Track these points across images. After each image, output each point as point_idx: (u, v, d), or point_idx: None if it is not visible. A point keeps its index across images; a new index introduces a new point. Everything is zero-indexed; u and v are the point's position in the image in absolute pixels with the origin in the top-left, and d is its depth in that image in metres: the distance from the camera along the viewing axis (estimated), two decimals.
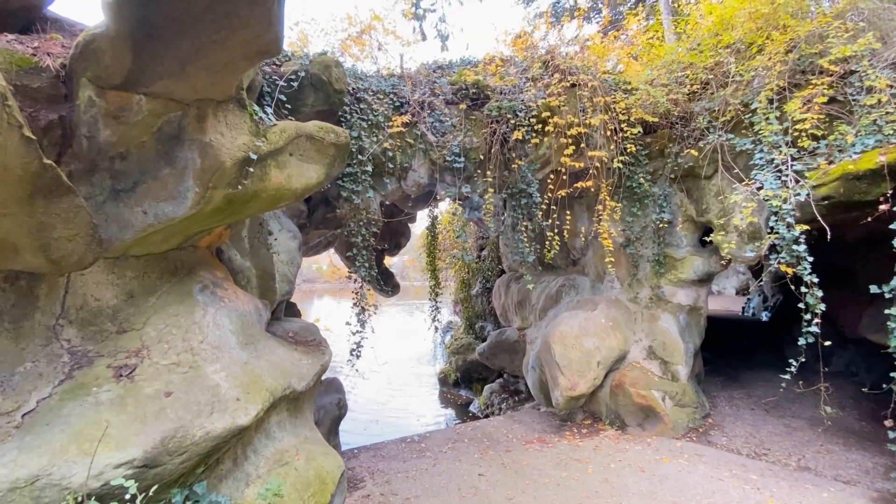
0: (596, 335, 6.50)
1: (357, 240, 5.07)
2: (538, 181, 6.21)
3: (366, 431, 9.32)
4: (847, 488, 4.32)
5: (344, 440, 8.89)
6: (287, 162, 3.47)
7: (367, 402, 11.14)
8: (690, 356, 6.54)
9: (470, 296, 11.92)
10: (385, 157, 5.33)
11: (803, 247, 4.31)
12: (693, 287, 6.56)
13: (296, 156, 3.61)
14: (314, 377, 4.04)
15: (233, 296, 3.43)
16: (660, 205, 6.43)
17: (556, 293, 8.24)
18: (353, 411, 10.52)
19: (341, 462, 3.77)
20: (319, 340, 5.09)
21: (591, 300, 7.23)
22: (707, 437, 5.85)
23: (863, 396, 6.97)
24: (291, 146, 3.53)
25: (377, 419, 9.87)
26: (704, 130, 5.88)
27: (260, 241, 4.81)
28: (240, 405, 2.71)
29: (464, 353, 11.07)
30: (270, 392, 3.07)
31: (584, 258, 7.94)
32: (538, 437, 6.31)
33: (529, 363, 7.76)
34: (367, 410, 10.51)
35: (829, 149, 4.49)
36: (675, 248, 6.56)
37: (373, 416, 10.08)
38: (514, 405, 9.01)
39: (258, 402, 2.85)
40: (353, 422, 9.76)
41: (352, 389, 12.05)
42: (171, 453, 2.37)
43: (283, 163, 3.41)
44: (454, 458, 5.75)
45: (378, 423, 9.71)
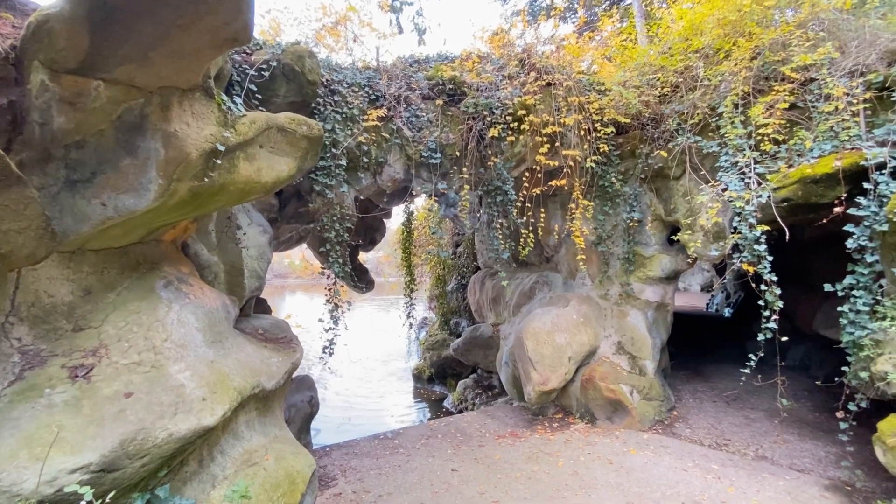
0: (567, 331, 6.62)
1: (330, 235, 4.99)
2: (513, 179, 6.25)
3: (339, 429, 9.23)
4: (801, 476, 4.56)
5: (316, 438, 8.78)
6: (257, 154, 3.37)
7: (341, 400, 11.03)
8: (657, 351, 6.75)
9: (445, 292, 11.94)
10: (360, 151, 5.25)
11: (764, 246, 4.50)
12: (661, 284, 6.76)
13: (266, 148, 3.51)
14: (284, 375, 3.96)
15: (199, 292, 3.31)
16: (630, 204, 6.59)
17: (529, 290, 8.34)
18: (326, 409, 10.39)
19: (312, 461, 3.72)
20: (290, 338, 5.00)
21: (563, 297, 7.36)
22: (672, 430, 6.06)
23: (816, 389, 7.37)
24: (262, 138, 3.44)
25: (350, 416, 9.79)
26: (674, 132, 6.04)
27: (228, 236, 4.67)
28: (206, 405, 2.63)
29: (438, 350, 11.09)
30: (238, 391, 2.99)
31: (558, 255, 8.06)
32: (510, 432, 6.39)
33: (503, 359, 7.85)
34: (341, 407, 10.41)
35: (789, 153, 4.69)
36: (645, 246, 6.74)
37: (346, 414, 9.99)
38: (488, 400, 9.10)
39: (225, 402, 2.77)
40: (326, 419, 9.64)
41: (326, 386, 11.90)
42: (131, 456, 2.27)
43: (252, 155, 3.31)
44: (427, 453, 5.76)
45: (351, 420, 9.62)
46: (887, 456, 3.67)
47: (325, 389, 11.59)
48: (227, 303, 3.72)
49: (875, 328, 3.95)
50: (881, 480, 4.27)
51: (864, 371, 3.96)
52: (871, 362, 3.89)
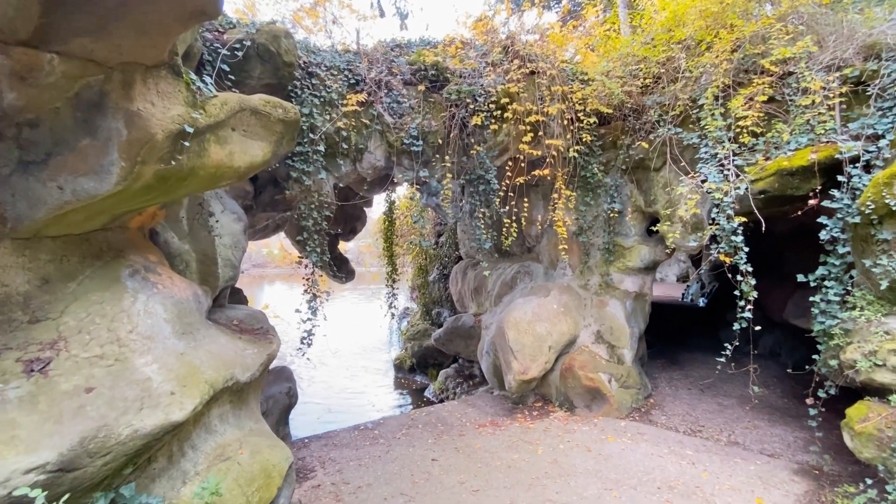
0: (548, 320, 6.65)
1: (308, 223, 4.85)
2: (496, 168, 6.19)
3: (319, 420, 9.13)
4: (771, 461, 4.71)
5: (296, 430, 8.67)
6: (229, 137, 3.22)
7: (322, 390, 10.91)
8: (635, 340, 6.85)
9: (427, 282, 11.88)
10: (339, 136, 5.10)
11: (741, 237, 4.57)
12: (640, 274, 6.84)
13: (239, 131, 3.36)
14: (260, 367, 3.85)
15: (168, 281, 3.16)
16: (611, 195, 6.61)
17: (511, 280, 8.35)
18: (306, 400, 10.27)
19: (289, 454, 3.64)
20: (267, 328, 4.88)
21: (544, 286, 7.38)
22: (649, 417, 6.18)
23: (786, 376, 7.61)
24: (234, 120, 3.28)
25: (331, 407, 9.70)
26: (655, 124, 6.06)
27: (200, 223, 4.49)
28: (174, 399, 2.51)
29: (420, 339, 11.06)
30: (210, 384, 2.87)
31: (539, 246, 8.07)
32: (491, 421, 6.42)
33: (484, 348, 7.86)
34: (321, 398, 10.31)
35: (767, 146, 4.75)
36: (624, 237, 6.79)
37: (326, 405, 9.89)
38: (469, 389, 9.13)
39: (196, 396, 2.66)
40: (306, 410, 9.53)
41: (306, 377, 11.76)
42: (93, 455, 2.15)
43: (224, 138, 3.16)
44: (408, 443, 5.74)
45: (332, 411, 9.54)
46: (854, 441, 3.80)
47: (305, 380, 11.46)
48: (199, 293, 3.58)
49: (845, 317, 4.06)
50: (847, 464, 4.44)
51: (833, 359, 4.07)
52: (840, 351, 4.01)
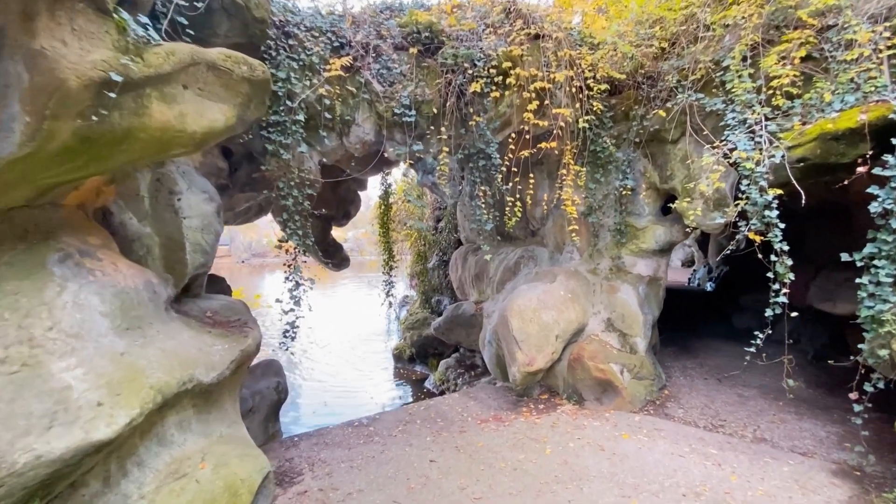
0: (554, 308, 6.17)
1: (288, 202, 4.33)
2: (498, 143, 5.63)
3: (315, 414, 8.74)
4: (805, 461, 4.26)
5: (290, 425, 8.28)
6: (178, 95, 2.69)
7: (317, 383, 10.52)
8: (649, 328, 6.37)
9: (426, 269, 11.39)
10: (321, 105, 4.56)
11: (775, 212, 4.04)
12: (654, 257, 6.33)
13: (193, 89, 2.83)
14: (231, 364, 3.39)
15: (110, 268, 2.67)
16: (623, 171, 6.07)
17: (514, 265, 7.85)
18: (301, 393, 9.87)
19: (264, 464, 3.19)
20: (245, 321, 4.41)
21: (550, 272, 6.88)
22: (664, 410, 5.73)
23: (807, 364, 7.16)
24: (186, 76, 2.75)
25: (326, 400, 9.31)
26: (672, 90, 5.49)
27: (164, 204, 3.98)
28: (101, 412, 2.04)
29: (419, 328, 10.62)
30: (158, 390, 2.40)
31: (544, 228, 7.56)
32: (494, 415, 5.98)
33: (486, 338, 7.40)
34: (317, 391, 9.91)
35: (805, 108, 4.20)
36: (637, 216, 6.27)
37: (322, 398, 9.49)
38: (471, 380, 8.70)
39: (134, 406, 2.19)
40: (301, 404, 9.14)
41: (301, 370, 11.37)
42: None
43: (171, 96, 2.63)
44: (405, 442, 5.31)
45: (328, 404, 9.15)
46: None
47: (299, 373, 11.08)
48: (155, 281, 3.09)
49: None
50: (891, 464, 3.99)
51: (883, 349, 3.58)
52: (892, 339, 3.51)
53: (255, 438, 6.11)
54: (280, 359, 12.07)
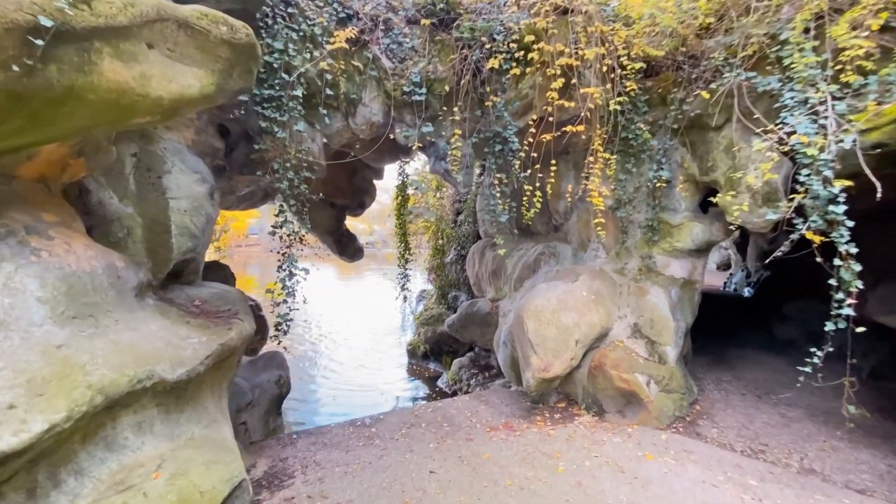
0: (576, 310, 5.65)
1: (283, 185, 3.99)
2: (517, 128, 5.14)
3: (322, 409, 8.52)
4: (864, 501, 3.63)
5: (297, 418, 8.08)
6: (140, 55, 2.36)
7: (330, 376, 10.31)
8: (681, 336, 5.77)
9: (443, 263, 10.99)
10: (323, 81, 4.19)
11: (842, 208, 3.42)
12: (689, 258, 5.71)
13: (160, 49, 2.49)
14: (207, 360, 3.07)
15: (60, 248, 2.38)
16: (658, 161, 5.46)
17: (533, 262, 7.35)
18: (311, 386, 9.67)
19: (235, 471, 2.86)
20: (236, 311, 4.11)
21: (572, 270, 6.35)
22: (695, 428, 5.14)
23: (862, 383, 6.38)
24: (150, 33, 2.41)
25: (335, 395, 9.07)
26: (718, 70, 4.86)
27: (150, 183, 3.72)
28: (11, 417, 1.73)
29: (433, 325, 10.25)
30: (99, 389, 2.09)
31: (567, 223, 7.01)
32: (504, 423, 5.54)
33: (501, 338, 6.94)
34: (327, 385, 9.70)
35: (882, 86, 3.53)
36: (672, 212, 5.66)
37: (332, 392, 9.26)
38: (484, 382, 8.28)
39: (59, 409, 1.88)
40: (308, 398, 8.94)
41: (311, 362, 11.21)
42: None
43: (130, 54, 2.30)
44: (406, 447, 4.94)
45: (336, 399, 8.91)
46: None
47: (310, 365, 10.91)
48: (119, 265, 2.79)
49: None
50: None
51: None
52: None
53: (255, 433, 5.90)
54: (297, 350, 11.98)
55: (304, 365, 10.96)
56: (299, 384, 9.57)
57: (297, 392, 9.03)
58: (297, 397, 8.78)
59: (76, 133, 2.35)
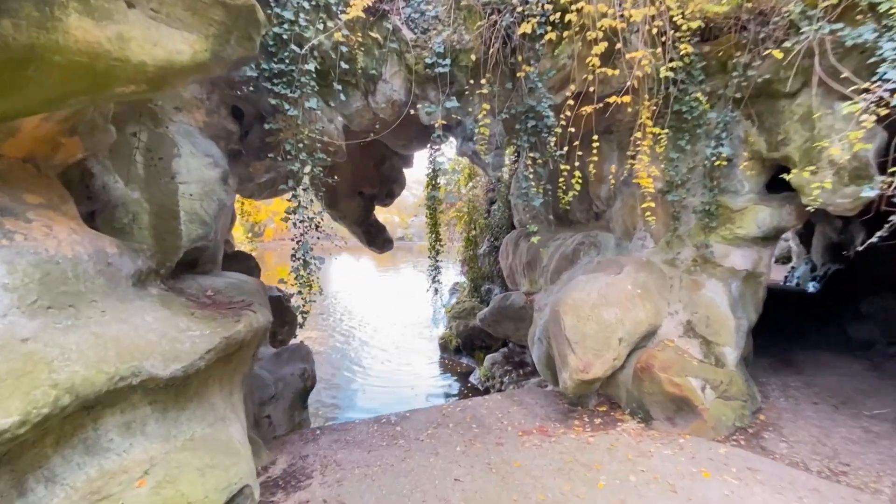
0: (619, 305, 5.10)
1: (294, 168, 3.71)
2: (553, 102, 4.62)
3: (351, 404, 8.37)
4: None
5: (324, 413, 7.96)
6: (116, 13, 2.09)
7: (360, 370, 10.18)
8: (742, 336, 5.09)
9: (476, 255, 10.57)
10: (338, 54, 3.87)
11: None
12: (753, 246, 5.01)
13: (142, 9, 2.23)
14: (209, 354, 2.84)
15: (39, 232, 2.17)
16: (717, 136, 4.78)
17: (572, 253, 6.80)
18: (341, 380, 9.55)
19: (237, 477, 2.61)
20: (250, 302, 3.90)
21: (615, 261, 5.77)
22: (760, 442, 4.50)
23: None
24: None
25: (365, 389, 8.90)
26: (793, 25, 4.14)
27: (160, 168, 3.54)
28: None
29: (465, 318, 9.87)
30: (68, 388, 1.86)
31: (611, 210, 6.41)
32: (539, 426, 5.10)
33: (536, 334, 6.47)
34: (357, 379, 9.56)
35: None
36: (733, 194, 4.97)
37: (361, 386, 9.10)
38: (518, 380, 7.83)
39: (11, 412, 1.64)
40: (338, 392, 8.81)
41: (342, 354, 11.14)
42: None
43: (104, 11, 2.04)
44: (431, 449, 4.62)
45: (365, 392, 8.74)
46: None
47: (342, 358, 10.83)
48: (111, 251, 2.59)
49: None
50: None
51: None
52: None
53: (280, 427, 5.76)
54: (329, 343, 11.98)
55: (335, 357, 10.91)
56: (329, 377, 9.50)
57: (326, 385, 8.96)
58: (325, 391, 8.70)
59: (52, 103, 2.14)
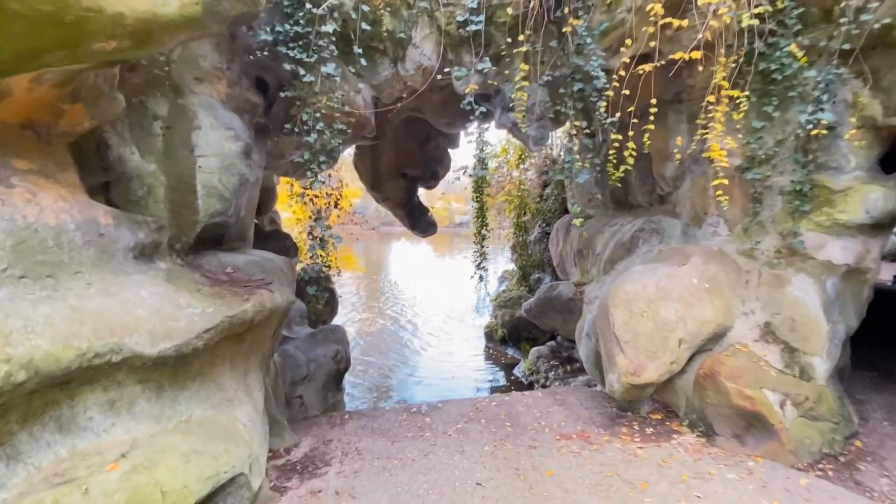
0: (681, 300, 4.42)
1: (310, 139, 3.47)
2: (604, 60, 3.98)
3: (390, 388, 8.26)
4: None
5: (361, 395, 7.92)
6: None
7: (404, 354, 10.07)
8: (836, 344, 4.21)
9: (526, 242, 9.99)
10: (359, 15, 3.54)
11: None
12: (858, 236, 4.09)
13: None
14: (207, 332, 2.70)
15: (20, 198, 2.08)
16: (816, 99, 3.90)
17: (629, 240, 6.08)
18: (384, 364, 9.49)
19: (227, 465, 2.45)
20: (269, 281, 3.77)
21: (680, 251, 5.03)
22: (854, 475, 3.69)
23: None
24: None
25: (407, 376, 8.75)
26: None
27: (180, 140, 3.45)
28: None
29: (511, 308, 9.39)
30: (22, 363, 1.74)
31: (677, 192, 5.62)
32: (580, 431, 4.59)
33: (584, 329, 5.90)
34: (400, 364, 9.45)
35: None
36: (834, 171, 4.06)
37: (403, 371, 8.97)
38: (565, 376, 7.29)
39: None
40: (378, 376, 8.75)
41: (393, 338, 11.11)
42: None
43: None
44: (457, 446, 4.30)
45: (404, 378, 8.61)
46: None
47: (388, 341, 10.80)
48: (106, 221, 2.48)
49: None
50: None
51: None
52: None
53: (312, 408, 5.73)
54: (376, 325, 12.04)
55: (381, 341, 10.92)
56: (370, 361, 9.50)
57: (366, 368, 8.95)
58: (362, 373, 8.69)
59: (26, 59, 2.01)
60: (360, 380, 8.41)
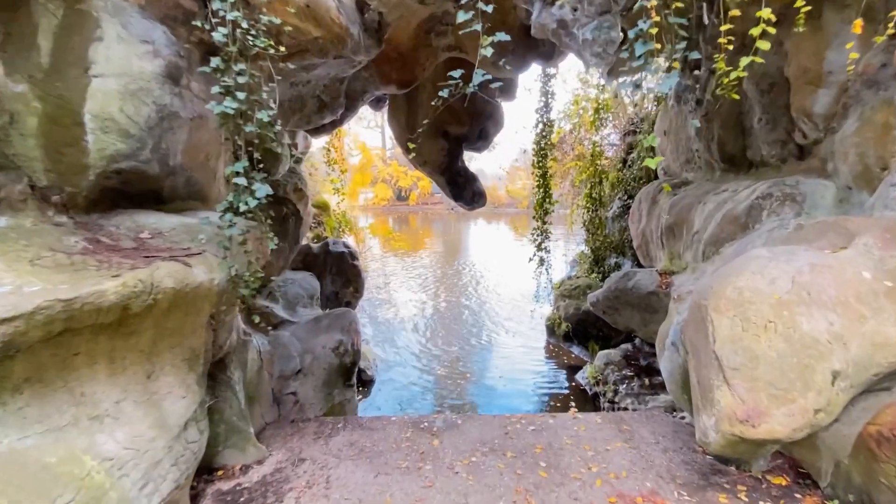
0: (839, 307, 2.64)
1: (218, 36, 2.30)
2: None
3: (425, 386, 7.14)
4: None
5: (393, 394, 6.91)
6: None
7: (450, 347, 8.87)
8: None
9: (601, 219, 8.14)
10: None
11: None
12: None
13: None
14: (39, 317, 1.72)
15: None
16: None
17: (746, 211, 4.17)
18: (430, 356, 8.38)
19: None
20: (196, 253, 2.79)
21: (835, 226, 3.15)
22: None
23: None
24: None
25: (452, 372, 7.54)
26: None
27: (76, 56, 2.54)
28: None
29: (577, 299, 7.69)
30: None
31: (832, 137, 3.65)
32: (649, 492, 3.07)
33: (669, 335, 4.21)
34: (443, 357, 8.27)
35: None
36: None
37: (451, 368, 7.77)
38: (640, 392, 5.59)
39: None
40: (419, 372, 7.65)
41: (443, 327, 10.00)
42: None
43: None
44: (462, 493, 3.05)
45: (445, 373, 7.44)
46: None
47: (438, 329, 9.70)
48: None
49: None
50: None
51: None
52: None
53: (312, 407, 4.78)
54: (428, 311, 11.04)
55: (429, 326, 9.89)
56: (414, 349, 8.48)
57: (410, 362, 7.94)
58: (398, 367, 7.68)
59: None
60: (397, 373, 7.46)
